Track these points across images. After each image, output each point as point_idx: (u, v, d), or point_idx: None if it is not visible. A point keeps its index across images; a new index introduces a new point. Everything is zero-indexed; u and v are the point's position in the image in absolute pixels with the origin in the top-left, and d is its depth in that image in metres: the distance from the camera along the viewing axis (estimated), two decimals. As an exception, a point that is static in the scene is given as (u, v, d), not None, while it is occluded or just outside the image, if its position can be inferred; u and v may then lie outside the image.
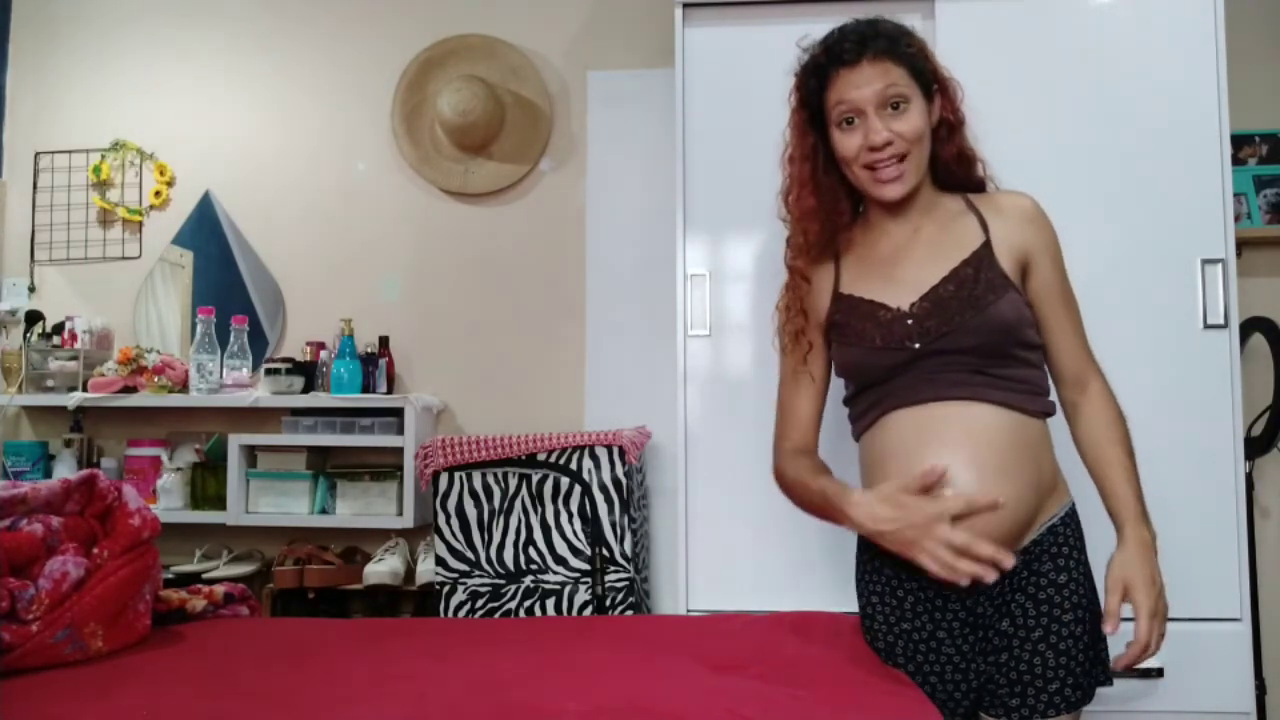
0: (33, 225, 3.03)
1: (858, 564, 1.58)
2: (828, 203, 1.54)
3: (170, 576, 2.51)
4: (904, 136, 1.44)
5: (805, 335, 1.58)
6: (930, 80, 1.49)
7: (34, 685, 1.36)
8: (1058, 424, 1.52)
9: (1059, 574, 1.44)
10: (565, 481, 2.43)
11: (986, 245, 1.48)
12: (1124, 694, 1.96)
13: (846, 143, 1.47)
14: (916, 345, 1.45)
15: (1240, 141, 2.63)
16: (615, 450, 2.42)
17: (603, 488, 2.41)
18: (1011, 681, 1.43)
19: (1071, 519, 1.49)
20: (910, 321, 1.46)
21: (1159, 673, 2.00)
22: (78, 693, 1.33)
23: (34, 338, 2.88)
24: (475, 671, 1.41)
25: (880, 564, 1.51)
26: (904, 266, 1.51)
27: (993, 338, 1.43)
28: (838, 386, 1.63)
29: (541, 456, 2.44)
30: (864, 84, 1.43)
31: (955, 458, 1.39)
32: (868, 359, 1.49)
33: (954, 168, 1.55)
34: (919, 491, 1.37)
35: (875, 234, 1.56)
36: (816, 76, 1.49)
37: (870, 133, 1.44)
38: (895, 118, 1.44)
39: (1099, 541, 1.47)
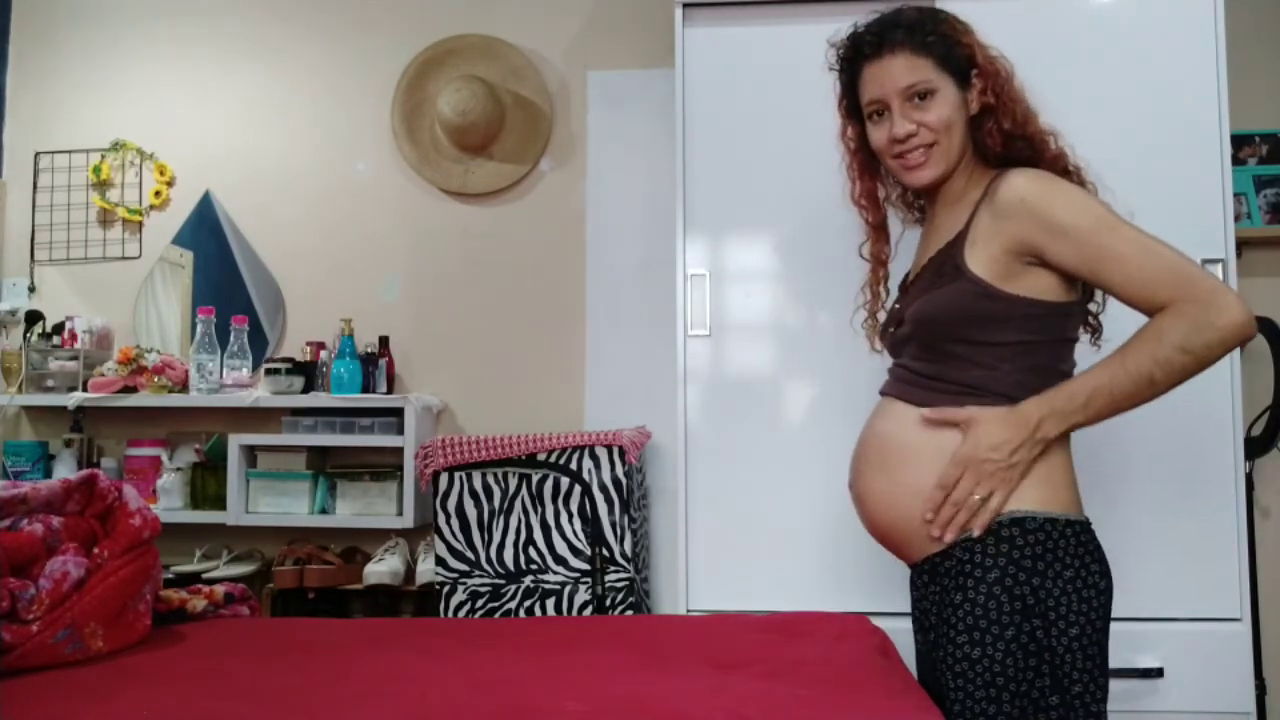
0: (33, 225, 3.03)
1: None
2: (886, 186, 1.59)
3: (170, 576, 2.51)
4: (929, 126, 1.42)
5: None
6: (964, 65, 1.44)
7: (34, 685, 1.36)
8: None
9: (956, 593, 1.33)
10: (565, 481, 2.42)
11: (959, 236, 1.41)
12: (1124, 694, 1.95)
13: (876, 136, 1.47)
14: (892, 330, 1.50)
15: (1240, 141, 2.63)
16: (615, 450, 2.42)
17: (603, 488, 2.41)
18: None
19: (1001, 535, 1.31)
20: (897, 307, 1.51)
21: (1159, 673, 2.00)
22: (78, 693, 1.33)
23: (34, 338, 2.88)
24: (475, 671, 1.41)
25: None
26: (921, 253, 1.53)
27: (920, 330, 1.41)
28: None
29: (541, 456, 2.43)
30: (886, 78, 1.42)
31: (860, 451, 1.48)
32: (881, 339, 1.57)
33: (1002, 151, 1.45)
34: None
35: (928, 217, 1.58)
36: (848, 72, 1.50)
37: (894, 126, 1.43)
38: (920, 108, 1.42)
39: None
